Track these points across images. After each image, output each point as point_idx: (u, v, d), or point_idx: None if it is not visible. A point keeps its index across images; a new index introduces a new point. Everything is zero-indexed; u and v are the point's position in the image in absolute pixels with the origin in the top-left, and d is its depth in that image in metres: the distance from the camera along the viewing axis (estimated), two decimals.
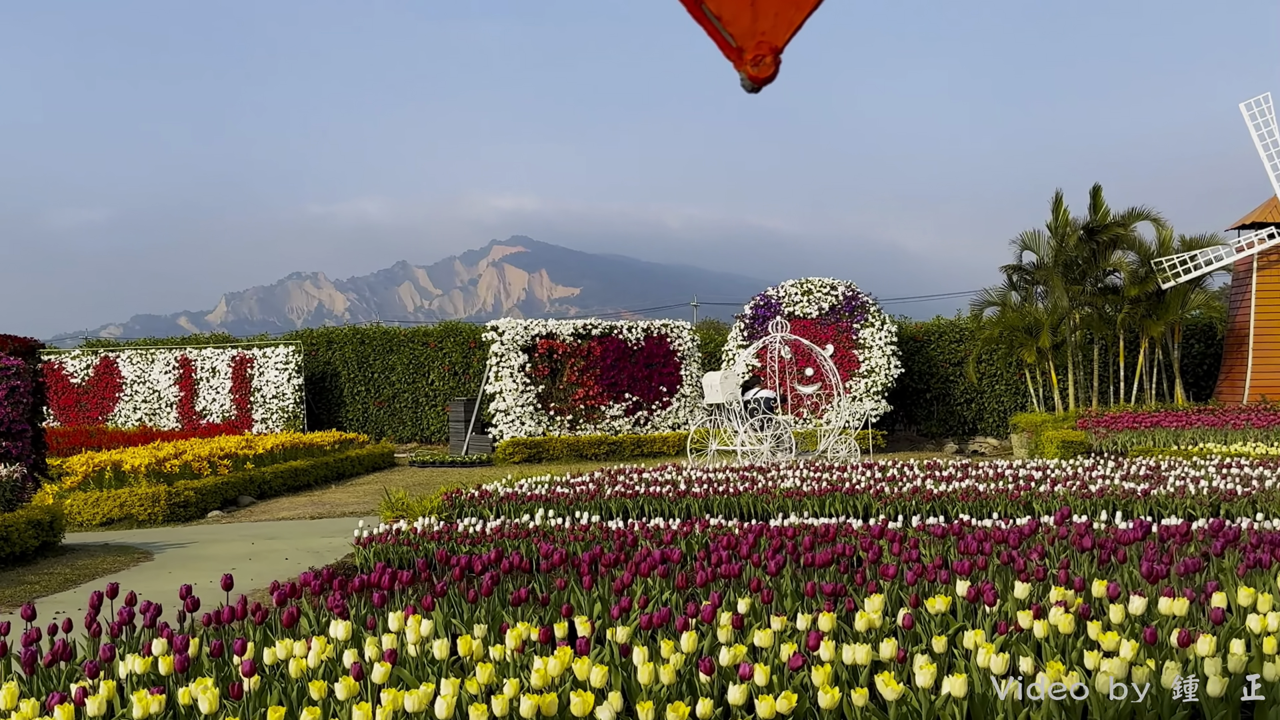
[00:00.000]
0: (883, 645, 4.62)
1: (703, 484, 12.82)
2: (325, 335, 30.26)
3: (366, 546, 9.13)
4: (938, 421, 27.84)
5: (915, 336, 27.90)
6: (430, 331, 29.70)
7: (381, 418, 29.45)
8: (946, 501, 11.02)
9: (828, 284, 26.04)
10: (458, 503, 11.76)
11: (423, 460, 23.38)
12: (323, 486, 19.21)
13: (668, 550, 6.83)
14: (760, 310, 26.21)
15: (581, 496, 11.86)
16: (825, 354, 20.84)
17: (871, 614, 5.16)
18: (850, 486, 11.85)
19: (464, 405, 25.63)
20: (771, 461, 16.34)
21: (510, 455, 23.26)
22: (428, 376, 29.13)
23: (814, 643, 4.62)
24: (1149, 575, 5.76)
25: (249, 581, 9.41)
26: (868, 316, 25.44)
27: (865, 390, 24.87)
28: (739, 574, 6.16)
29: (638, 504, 11.72)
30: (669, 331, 26.37)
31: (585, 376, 25.16)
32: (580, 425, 24.92)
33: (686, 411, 25.99)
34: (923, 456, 21.83)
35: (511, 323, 25.02)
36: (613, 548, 7.52)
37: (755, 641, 4.83)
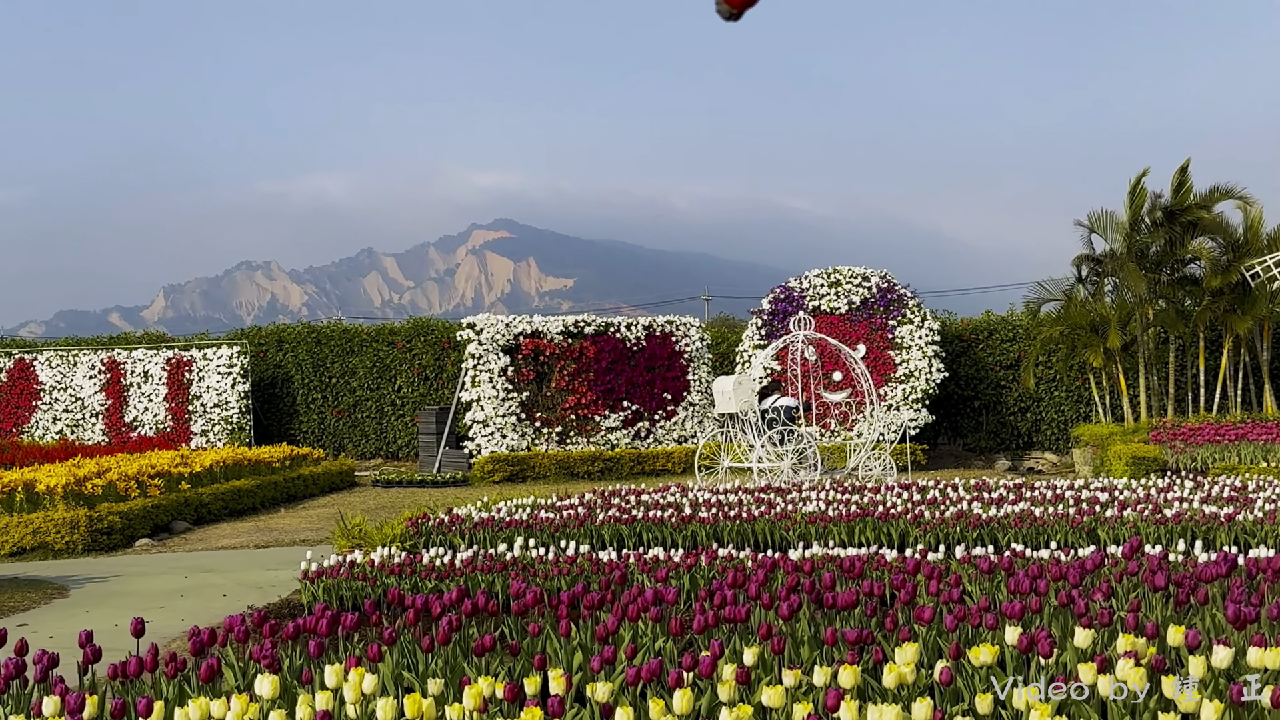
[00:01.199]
0: (916, 706, 4.50)
1: (711, 507, 12.78)
2: (275, 334, 30.17)
3: (315, 582, 9.09)
4: (987, 434, 27.71)
5: (961, 335, 27.77)
6: (397, 329, 29.61)
7: (340, 430, 29.37)
8: (997, 528, 10.95)
9: (859, 274, 25.91)
10: (424, 530, 11.75)
11: (387, 479, 23.31)
12: (270, 510, 19.15)
13: (662, 589, 6.68)
14: (781, 305, 26.08)
15: (569, 522, 11.85)
16: (856, 355, 20.68)
17: (903, 667, 5.03)
18: (884, 511, 11.82)
19: (436, 415, 25.53)
20: (793, 481, 16.24)
21: (489, 473, 23.17)
22: (394, 382, 29.05)
23: (833, 702, 4.50)
24: (1235, 619, 5.62)
25: (179, 623, 9.32)
26: (906, 312, 25.31)
27: (902, 398, 24.74)
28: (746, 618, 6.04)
29: (634, 531, 11.70)
30: (675, 329, 26.23)
31: (577, 382, 25.06)
32: (571, 439, 24.82)
33: (694, 423, 25.84)
34: (970, 475, 21.66)
35: (490, 319, 24.93)
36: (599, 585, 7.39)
37: (764, 700, 4.72)
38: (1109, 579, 7.41)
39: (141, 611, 9.79)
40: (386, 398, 29.09)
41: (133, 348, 29.06)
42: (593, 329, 25.49)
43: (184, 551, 14.42)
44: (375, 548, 10.78)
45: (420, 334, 29.11)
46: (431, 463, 25.25)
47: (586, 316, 26.03)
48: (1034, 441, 27.71)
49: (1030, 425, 27.60)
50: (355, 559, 9.61)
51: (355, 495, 21.56)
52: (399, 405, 29.03)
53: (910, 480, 16.20)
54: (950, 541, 10.76)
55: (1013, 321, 27.70)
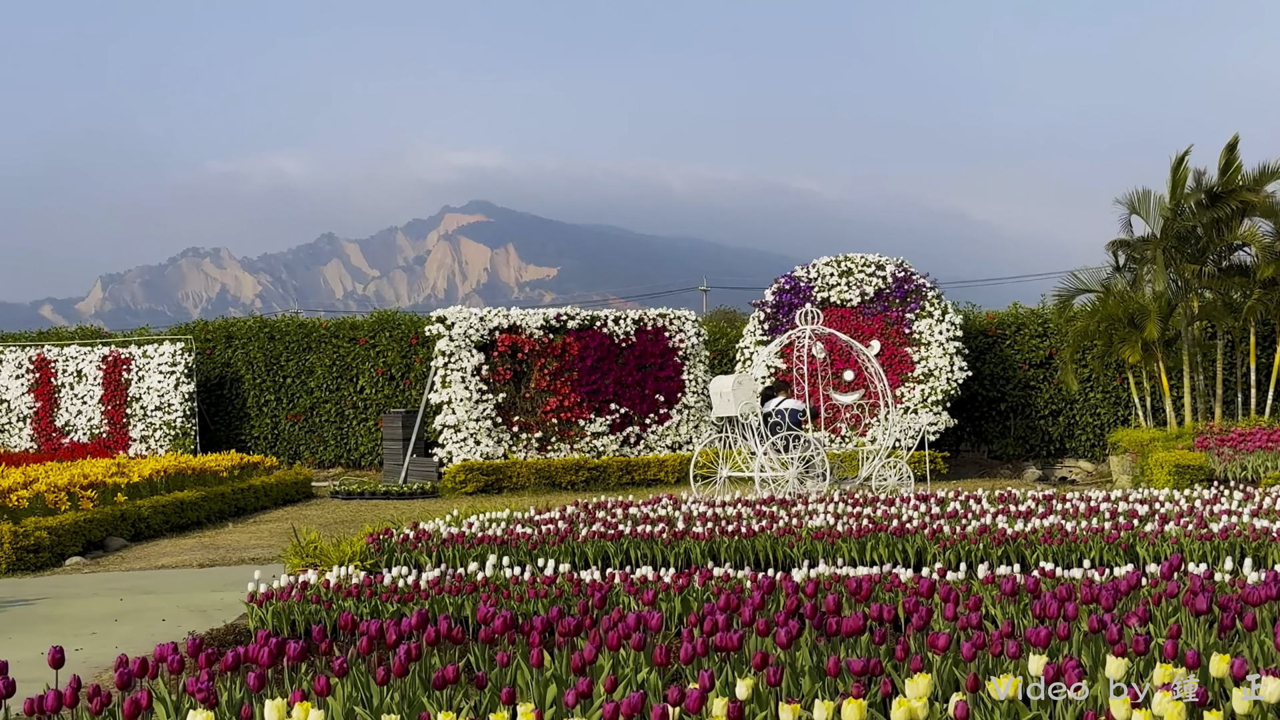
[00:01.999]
0: None
1: (707, 522, 12.78)
2: (224, 329, 30.11)
3: (263, 605, 9.11)
4: (1015, 440, 27.73)
5: (986, 330, 27.78)
6: (360, 324, 29.58)
7: (296, 435, 29.32)
8: (1024, 545, 10.96)
9: (873, 262, 25.90)
10: (386, 547, 11.77)
11: (348, 490, 23.29)
12: (217, 525, 19.12)
13: (647, 613, 6.65)
14: (786, 296, 26.07)
15: (548, 538, 11.86)
16: (869, 353, 20.65)
17: (914, 701, 5.00)
18: (899, 525, 11.84)
19: (402, 419, 25.48)
20: (798, 492, 16.22)
21: (461, 484, 23.16)
22: (356, 382, 29.00)
23: None
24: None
25: (113, 651, 9.27)
26: (925, 304, 25.31)
27: (921, 399, 24.74)
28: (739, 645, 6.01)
29: (621, 548, 11.73)
30: (668, 323, 26.21)
31: (559, 382, 25.04)
32: (552, 445, 24.80)
33: (690, 427, 25.80)
34: (995, 485, 21.65)
35: (463, 312, 24.90)
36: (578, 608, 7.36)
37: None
38: (1146, 601, 7.39)
39: (71, 638, 9.74)
40: (347, 400, 29.04)
41: (65, 344, 28.97)
42: (577, 323, 25.47)
43: (120, 571, 14.36)
44: (332, 567, 10.77)
45: (386, 328, 29.07)
46: (397, 472, 25.21)
47: (570, 309, 25.99)
48: (1067, 448, 27.73)
49: (1063, 430, 27.61)
50: (309, 579, 9.60)
51: (312, 508, 21.53)
52: (361, 408, 28.98)
53: (929, 491, 16.19)
54: (972, 560, 10.76)
55: (1043, 315, 27.70)
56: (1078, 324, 25.12)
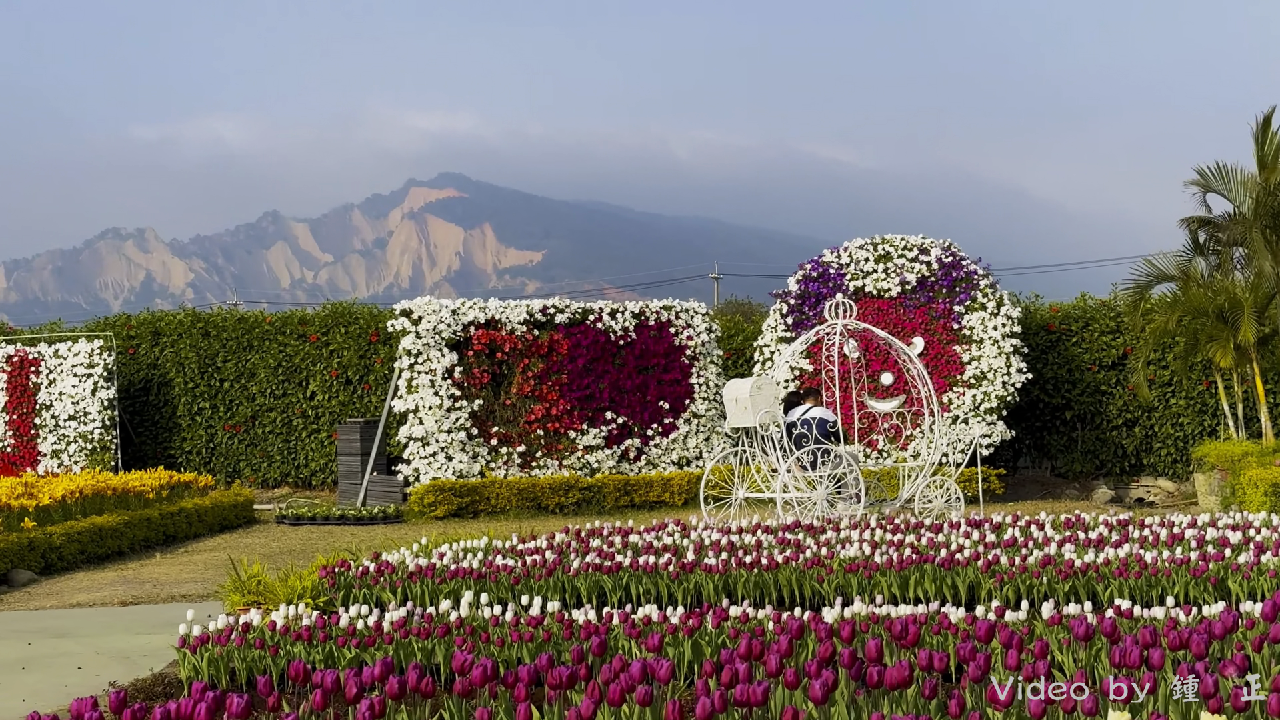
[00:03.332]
0: None
1: (722, 551, 12.78)
2: (150, 324, 30.11)
3: (197, 651, 9.13)
4: (1082, 454, 27.73)
5: (1048, 325, 27.78)
6: (310, 318, 29.56)
7: (235, 449, 29.31)
8: (1095, 579, 10.93)
9: (915, 245, 25.89)
10: (343, 581, 11.79)
11: (297, 514, 23.26)
12: (142, 555, 19.12)
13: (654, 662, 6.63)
14: (813, 285, 26.05)
15: (534, 571, 11.86)
16: (912, 352, 20.62)
17: None
18: (948, 556, 11.81)
19: (360, 431, 25.45)
20: (828, 517, 16.17)
21: (430, 507, 23.15)
22: (306, 387, 29.00)
23: None
24: None
25: (19, 705, 9.29)
26: (976, 294, 25.30)
27: (972, 407, 24.73)
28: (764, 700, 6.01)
29: (620, 583, 11.74)
30: (674, 317, 26.19)
31: (545, 386, 25.02)
32: (537, 461, 24.78)
33: (700, 440, 25.77)
34: (1060, 508, 21.62)
35: (432, 304, 24.87)
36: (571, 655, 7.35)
37: None
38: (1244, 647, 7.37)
39: None
40: (296, 407, 29.02)
41: None
42: (567, 316, 25.44)
43: (28, 610, 14.32)
44: (278, 605, 10.77)
45: (341, 323, 29.05)
46: (355, 493, 25.16)
47: (558, 300, 25.96)
48: (1144, 464, 27.71)
49: (1139, 443, 27.60)
50: (252, 620, 9.59)
51: (254, 535, 21.51)
52: (312, 417, 28.96)
53: (982, 515, 16.15)
54: (1034, 596, 10.74)
55: (1116, 307, 27.67)
56: (1156, 321, 25.01)
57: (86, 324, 31.57)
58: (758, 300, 57.75)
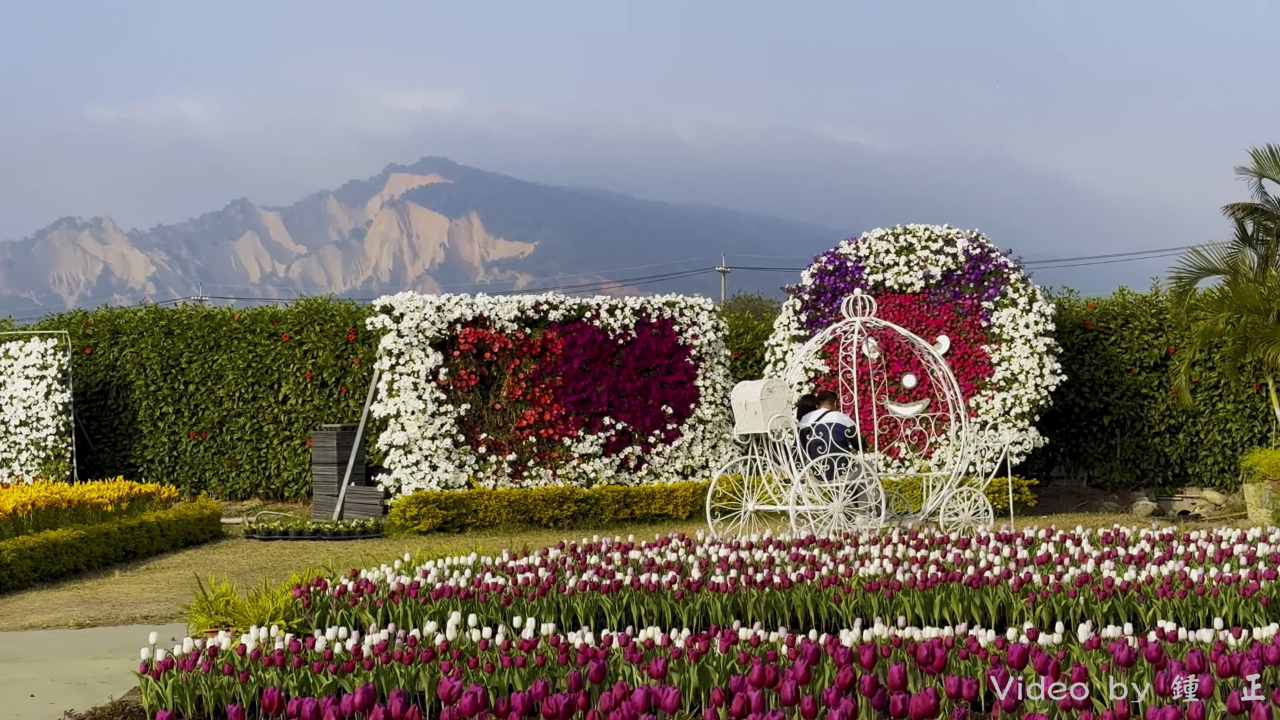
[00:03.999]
0: None
1: (730, 569, 12.77)
2: (108, 321, 30.08)
3: (160, 677, 9.13)
4: (1122, 463, 27.70)
5: (1085, 323, 27.75)
6: (282, 315, 29.53)
7: (201, 458, 29.29)
8: (1136, 599, 10.90)
9: (941, 236, 25.88)
10: (319, 602, 11.80)
11: (268, 529, 23.22)
12: (100, 573, 19.09)
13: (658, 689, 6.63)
14: (829, 279, 26.05)
15: (526, 590, 11.87)
16: (936, 351, 20.60)
17: None
18: (976, 574, 11.81)
19: (337, 438, 25.41)
20: (846, 531, 16.17)
21: (413, 520, 23.13)
22: (278, 390, 28.98)
23: None
24: None
25: None
26: (1007, 289, 25.29)
27: (1002, 412, 24.71)
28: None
29: (619, 603, 11.76)
30: (678, 314, 26.17)
31: (538, 389, 25.00)
32: (529, 471, 24.76)
33: (706, 448, 25.76)
34: (1097, 521, 21.58)
35: (415, 300, 24.86)
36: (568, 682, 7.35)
37: None
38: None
39: None
40: (266, 412, 28.99)
41: None
42: (561, 314, 25.41)
43: None
44: (248, 628, 10.76)
45: (315, 321, 29.02)
46: (331, 505, 25.12)
47: (552, 296, 25.92)
48: (1188, 474, 27.68)
49: (1184, 451, 27.57)
50: (220, 644, 9.61)
51: (221, 551, 21.49)
52: (284, 423, 28.93)
53: (1013, 529, 16.14)
54: (1070, 618, 10.74)
55: (1158, 303, 27.65)
56: (1205, 321, 24.94)
57: (39, 322, 31.52)
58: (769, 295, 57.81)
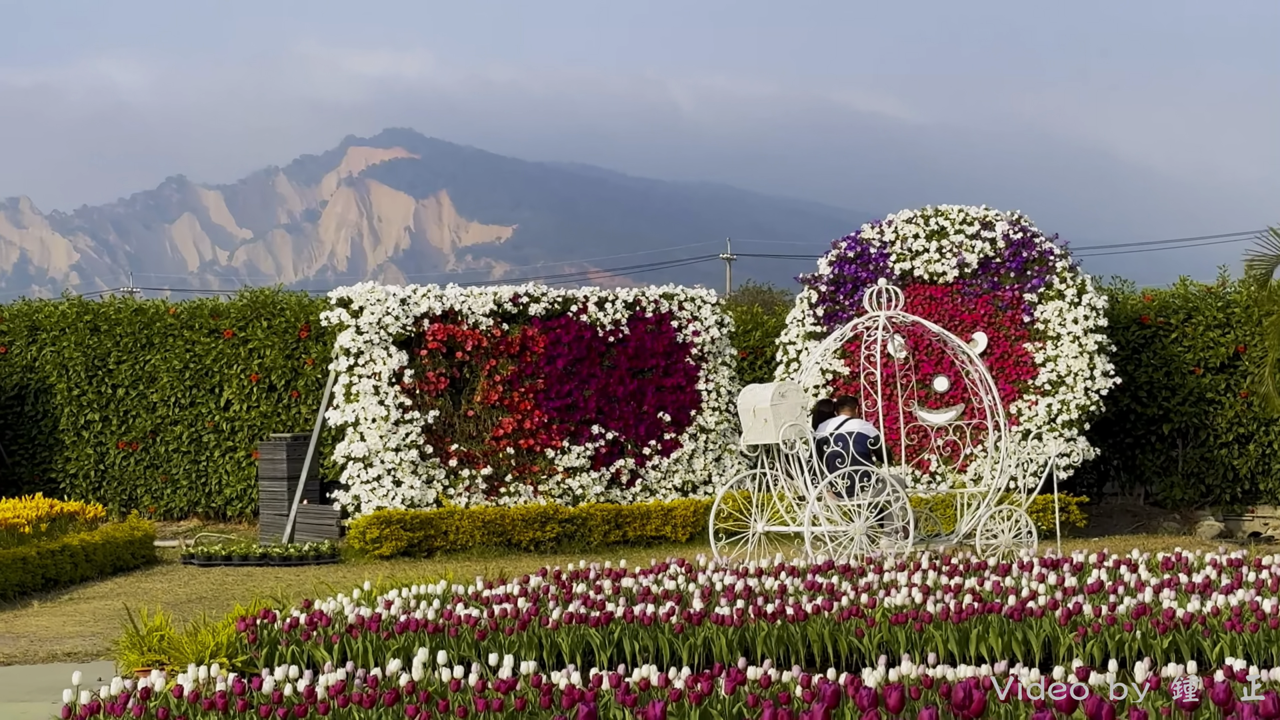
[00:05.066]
0: None
1: (736, 598, 12.75)
2: (26, 316, 30.08)
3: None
4: (1184, 478, 27.70)
5: (1141, 318, 27.75)
6: (225, 309, 29.52)
7: (132, 472, 29.25)
8: (1201, 633, 10.89)
9: (977, 218, 25.88)
10: (267, 636, 11.82)
11: (208, 553, 23.14)
12: (17, 604, 19.06)
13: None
14: (849, 268, 26.05)
15: (504, 623, 11.88)
16: (972, 350, 20.60)
17: None
18: (1018, 604, 11.84)
19: (287, 449, 25.36)
20: (869, 555, 16.17)
21: (374, 544, 23.08)
22: (219, 394, 28.94)
23: None
24: None
25: None
26: (1052, 279, 25.29)
27: (1047, 419, 24.71)
28: None
29: (610, 638, 11.76)
30: (676, 307, 26.17)
31: (517, 393, 24.97)
32: (507, 486, 24.73)
33: (709, 460, 25.75)
34: (1156, 544, 21.57)
35: (376, 292, 24.81)
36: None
37: None
38: None
39: None
40: (207, 420, 28.95)
41: None
42: (543, 307, 25.38)
43: None
44: (186, 666, 10.77)
45: (262, 316, 28.99)
46: (281, 525, 25.04)
47: (533, 287, 25.89)
48: (1260, 490, 27.67)
49: (1254, 463, 27.57)
50: (153, 685, 9.59)
51: (155, 579, 21.44)
52: (227, 432, 28.90)
53: (1059, 553, 16.15)
54: (1125, 654, 10.73)
55: (1226, 295, 27.63)
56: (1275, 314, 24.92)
57: None
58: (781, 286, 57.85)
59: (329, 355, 25.78)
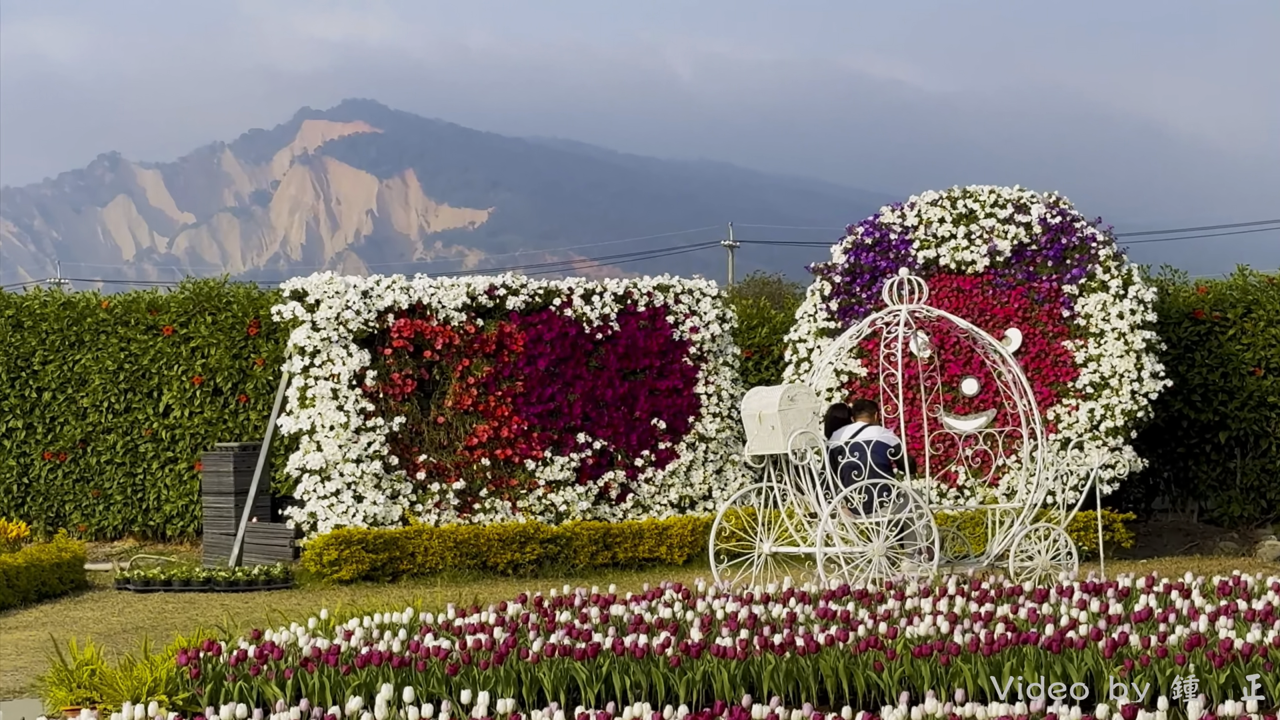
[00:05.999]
0: None
1: (740, 628, 12.76)
2: None
3: None
4: (1243, 492, 27.72)
5: (1195, 312, 27.76)
6: (164, 302, 29.50)
7: (60, 486, 29.24)
8: (1262, 666, 10.90)
9: (1010, 200, 25.89)
10: (211, 671, 11.86)
11: (145, 577, 23.13)
12: None
13: None
14: (867, 256, 26.06)
15: (478, 656, 11.89)
16: (1006, 349, 20.61)
17: None
18: (1056, 634, 11.85)
19: (234, 461, 25.34)
20: (889, 579, 16.18)
21: (333, 566, 23.09)
22: (158, 399, 28.95)
23: None
24: None
25: None
26: (1095, 268, 25.29)
27: (1089, 425, 24.72)
28: None
29: (598, 672, 11.77)
30: (673, 300, 26.19)
31: (493, 398, 24.98)
32: (482, 502, 24.73)
33: (709, 472, 25.76)
34: (1212, 566, 21.61)
35: (335, 284, 24.80)
36: None
37: None
38: None
39: None
40: (144, 427, 28.94)
41: None
42: (522, 300, 25.38)
43: None
44: (120, 705, 10.78)
45: (206, 310, 29.00)
46: (227, 546, 25.02)
47: (512, 277, 25.88)
48: None
49: None
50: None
51: (86, 606, 21.46)
52: (167, 441, 28.89)
53: (1103, 577, 16.16)
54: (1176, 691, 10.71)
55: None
56: None
57: None
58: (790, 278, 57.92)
59: (281, 355, 25.77)
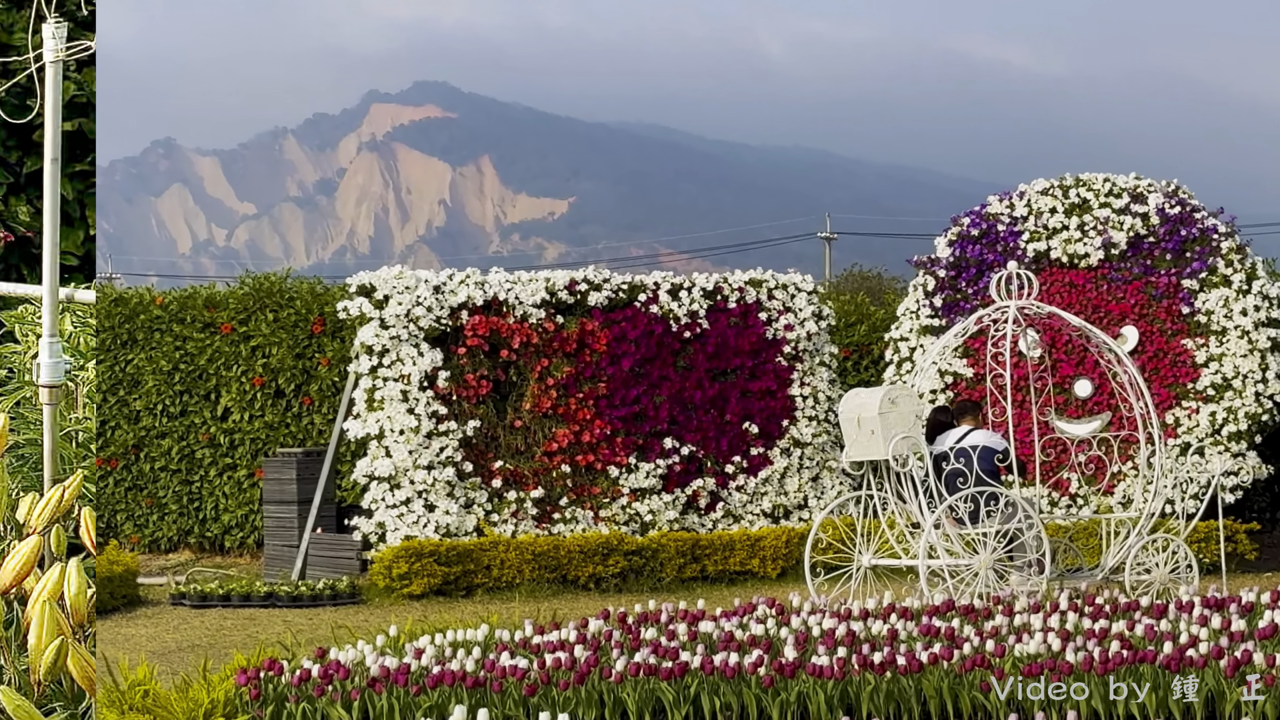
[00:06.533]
0: None
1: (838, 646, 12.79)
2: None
3: None
4: None
5: None
6: (222, 299, 29.61)
7: (111, 495, 29.38)
8: None
9: (1126, 189, 25.78)
10: (273, 692, 11.83)
11: (202, 592, 23.13)
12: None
13: None
14: (973, 249, 26.00)
15: (558, 676, 11.88)
16: (1121, 348, 20.52)
17: None
18: (1175, 652, 11.79)
19: (297, 468, 25.38)
20: (997, 593, 16.14)
21: (402, 581, 23.11)
22: (215, 401, 29.06)
23: None
24: None
25: None
26: (1216, 262, 25.16)
27: (1210, 430, 24.59)
28: None
29: (686, 693, 11.74)
30: (765, 296, 26.17)
31: (574, 400, 24.97)
32: (562, 512, 24.72)
33: (804, 480, 25.72)
34: None
35: (405, 279, 24.81)
36: None
37: None
38: None
39: None
40: (200, 432, 29.06)
41: None
42: (605, 296, 25.37)
43: None
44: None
45: (267, 306, 29.08)
46: (290, 559, 25.05)
47: (594, 271, 25.88)
48: None
49: None
50: None
51: (139, 623, 21.51)
52: (225, 447, 28.99)
53: (1225, 591, 16.07)
54: None
55: None
56: None
57: None
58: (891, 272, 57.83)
59: (348, 354, 25.82)
